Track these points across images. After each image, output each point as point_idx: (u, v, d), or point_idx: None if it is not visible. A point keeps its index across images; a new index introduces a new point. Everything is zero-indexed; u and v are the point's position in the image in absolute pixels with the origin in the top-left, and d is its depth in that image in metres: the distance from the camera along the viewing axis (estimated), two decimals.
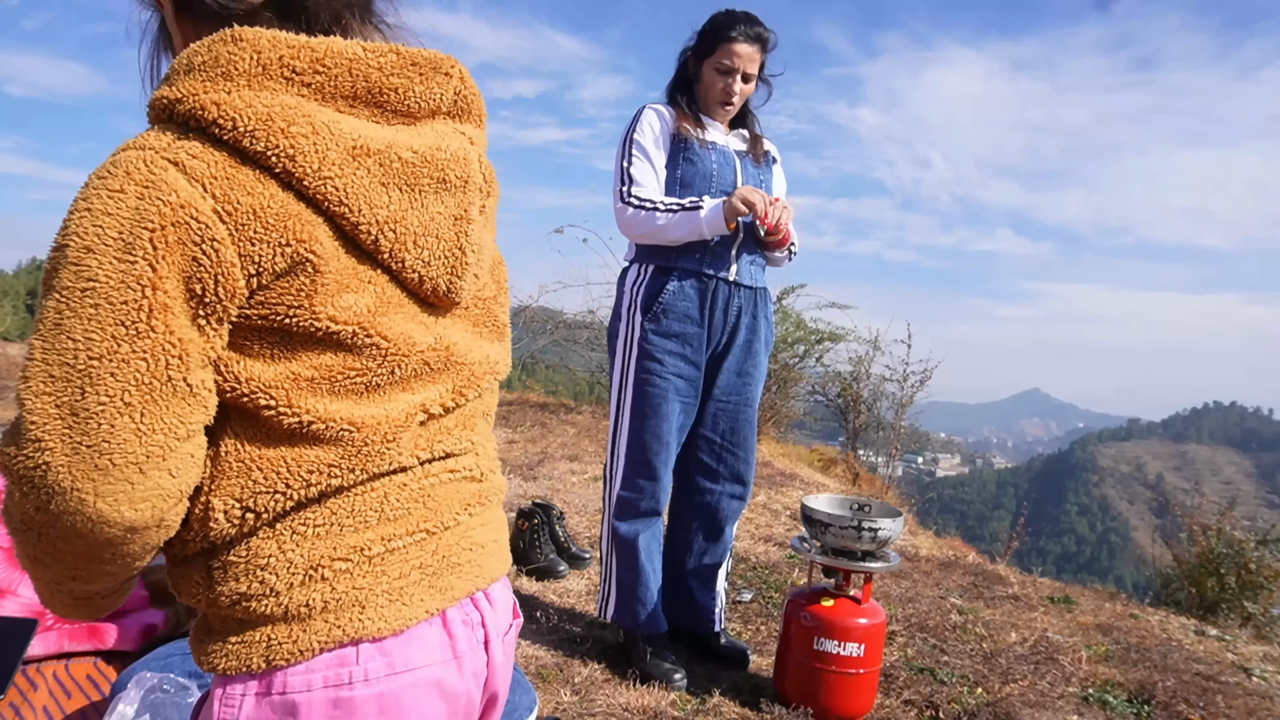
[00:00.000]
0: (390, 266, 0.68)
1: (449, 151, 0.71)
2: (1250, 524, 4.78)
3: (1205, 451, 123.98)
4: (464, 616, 0.76)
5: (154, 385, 0.58)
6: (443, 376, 0.74)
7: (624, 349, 2.29)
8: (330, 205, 0.64)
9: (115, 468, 0.58)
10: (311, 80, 0.65)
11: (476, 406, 0.80)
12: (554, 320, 8.45)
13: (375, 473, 0.69)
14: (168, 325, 0.59)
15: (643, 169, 2.23)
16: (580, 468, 4.87)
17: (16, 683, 1.79)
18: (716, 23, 2.25)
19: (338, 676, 0.67)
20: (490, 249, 0.79)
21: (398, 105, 0.69)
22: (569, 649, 2.41)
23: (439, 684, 0.72)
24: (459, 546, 0.77)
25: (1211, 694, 2.46)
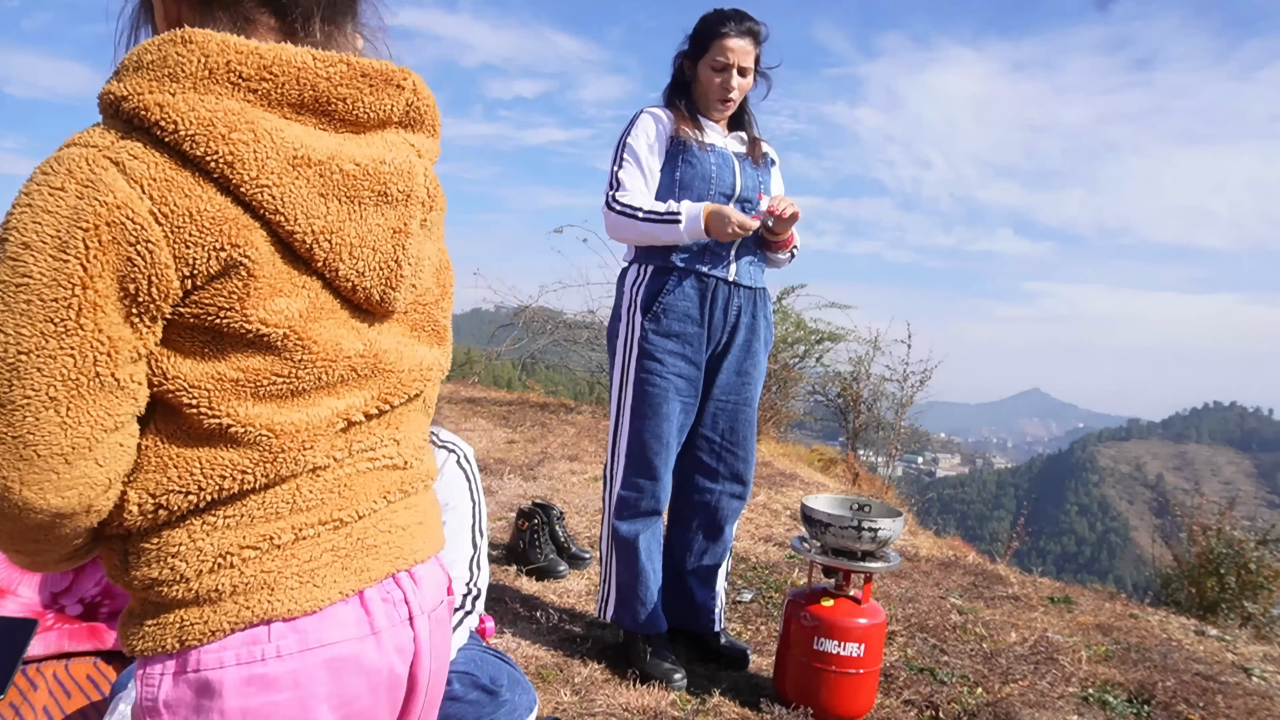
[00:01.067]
0: (324, 274, 0.69)
1: (393, 165, 0.72)
2: (1250, 524, 4.78)
3: (1205, 451, 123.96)
4: (384, 594, 0.77)
5: (80, 380, 0.60)
6: (369, 383, 0.75)
7: (624, 349, 2.29)
8: (266, 213, 0.64)
9: (40, 458, 0.60)
10: (258, 86, 0.65)
11: (404, 409, 0.81)
12: (554, 320, 8.45)
13: (288, 476, 0.71)
14: (96, 323, 0.60)
15: (631, 174, 2.24)
16: (580, 468, 4.87)
17: (16, 683, 1.79)
18: (707, 22, 2.26)
19: (249, 654, 0.69)
20: (433, 258, 0.81)
21: (345, 115, 0.70)
22: (569, 649, 2.41)
23: (356, 659, 0.73)
24: (376, 530, 0.78)
25: (1211, 694, 2.46)
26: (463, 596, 1.68)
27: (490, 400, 7.54)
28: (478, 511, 1.78)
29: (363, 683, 0.74)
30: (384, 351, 0.76)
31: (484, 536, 1.77)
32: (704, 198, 2.24)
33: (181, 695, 0.68)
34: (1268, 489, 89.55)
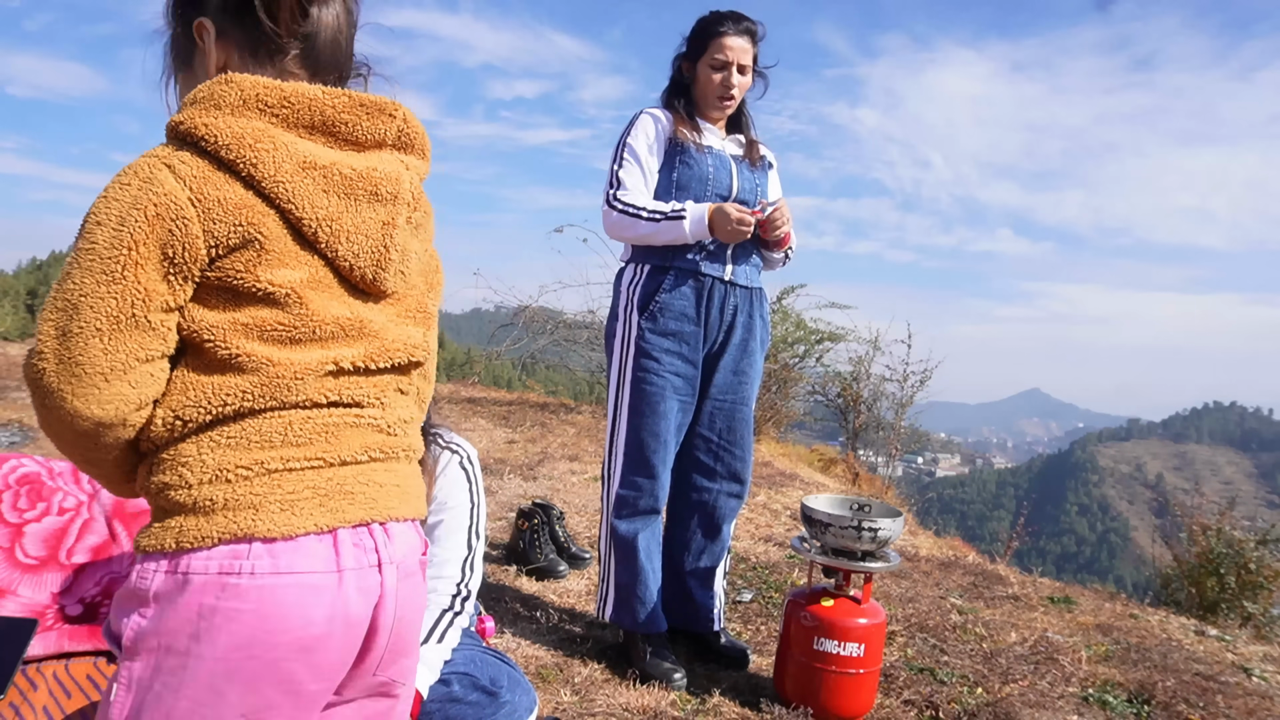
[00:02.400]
0: (326, 254, 0.87)
1: (382, 172, 0.91)
2: (1250, 524, 4.79)
3: (1205, 451, 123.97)
4: (355, 539, 0.88)
5: (120, 319, 0.80)
6: (355, 343, 0.90)
7: (621, 348, 2.30)
8: (280, 202, 0.84)
9: (87, 375, 0.79)
10: (279, 112, 0.86)
11: (392, 380, 0.95)
12: (554, 320, 8.44)
13: (283, 402, 0.86)
14: (138, 278, 0.80)
15: (632, 173, 2.25)
16: (580, 468, 4.87)
17: (16, 683, 1.79)
18: (704, 22, 2.28)
19: (230, 565, 0.81)
20: (420, 255, 0.97)
21: (347, 136, 0.90)
22: (569, 649, 2.41)
23: (317, 590, 0.84)
24: (355, 480, 0.90)
25: (1211, 694, 2.46)
26: (451, 597, 1.68)
27: (490, 400, 7.54)
28: (476, 513, 1.78)
29: (322, 613, 0.84)
30: (370, 322, 0.91)
31: (480, 539, 1.77)
32: (701, 199, 2.24)
33: (168, 589, 0.81)
34: (1268, 489, 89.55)
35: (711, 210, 2.15)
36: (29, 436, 4.18)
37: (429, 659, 1.56)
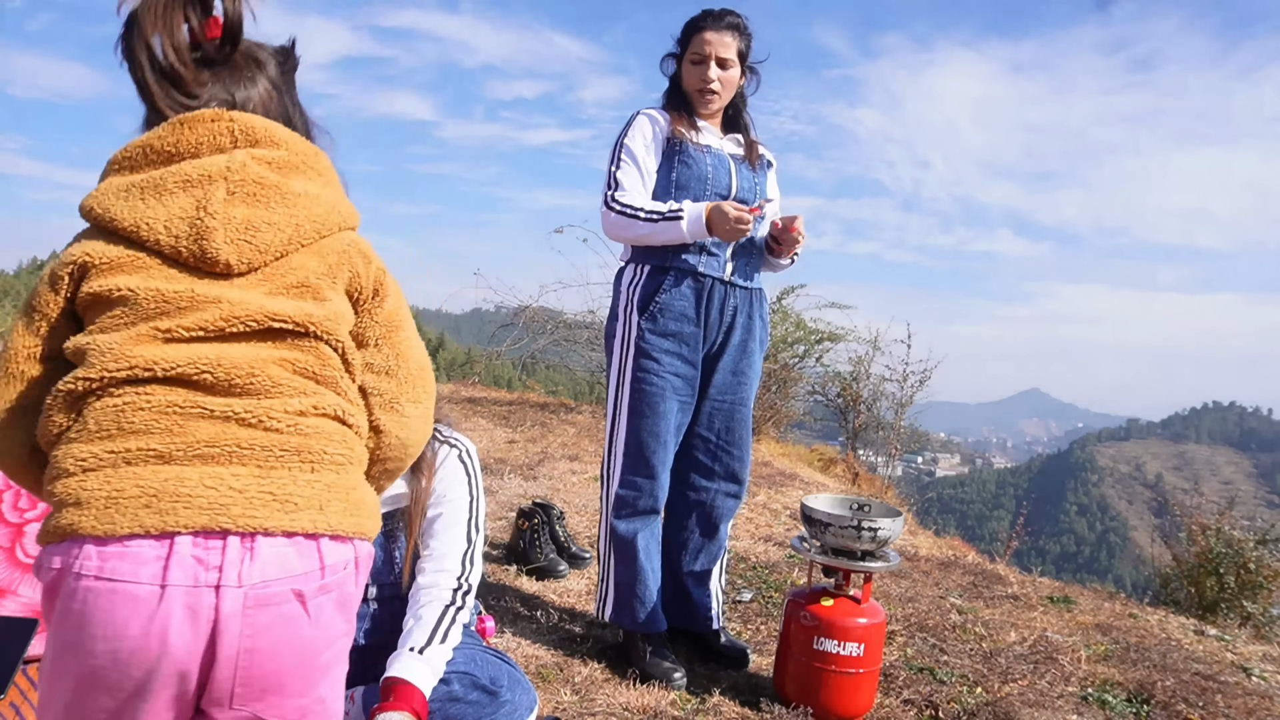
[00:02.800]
0: (153, 247, 0.92)
1: (195, 165, 0.96)
2: (1249, 524, 4.79)
3: (1204, 451, 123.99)
4: (198, 551, 0.83)
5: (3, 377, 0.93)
6: (189, 313, 0.91)
7: (621, 348, 2.30)
8: (107, 225, 0.93)
9: None
10: (124, 164, 0.97)
11: (261, 351, 0.93)
12: (554, 320, 8.44)
13: (113, 375, 0.87)
14: (15, 335, 0.93)
15: (629, 174, 2.25)
16: (580, 468, 4.87)
17: (17, 682, 1.79)
18: (688, 20, 2.31)
19: (64, 563, 0.83)
20: (282, 227, 0.96)
21: (166, 154, 0.97)
22: (569, 649, 2.41)
23: (135, 601, 0.81)
24: (197, 482, 0.85)
25: (1211, 694, 2.46)
26: (453, 592, 1.68)
27: (490, 400, 7.54)
28: (475, 507, 1.78)
29: (135, 628, 0.81)
30: (205, 294, 0.92)
31: (480, 532, 1.77)
32: (700, 198, 2.24)
33: (44, 582, 0.85)
34: (1267, 489, 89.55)
35: (709, 209, 2.14)
36: None
37: (432, 660, 1.55)
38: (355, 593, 0.96)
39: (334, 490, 0.92)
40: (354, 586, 0.96)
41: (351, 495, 0.95)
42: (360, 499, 0.96)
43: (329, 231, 1.00)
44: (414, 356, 1.07)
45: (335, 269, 0.99)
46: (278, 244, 0.96)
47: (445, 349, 22.29)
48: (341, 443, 0.95)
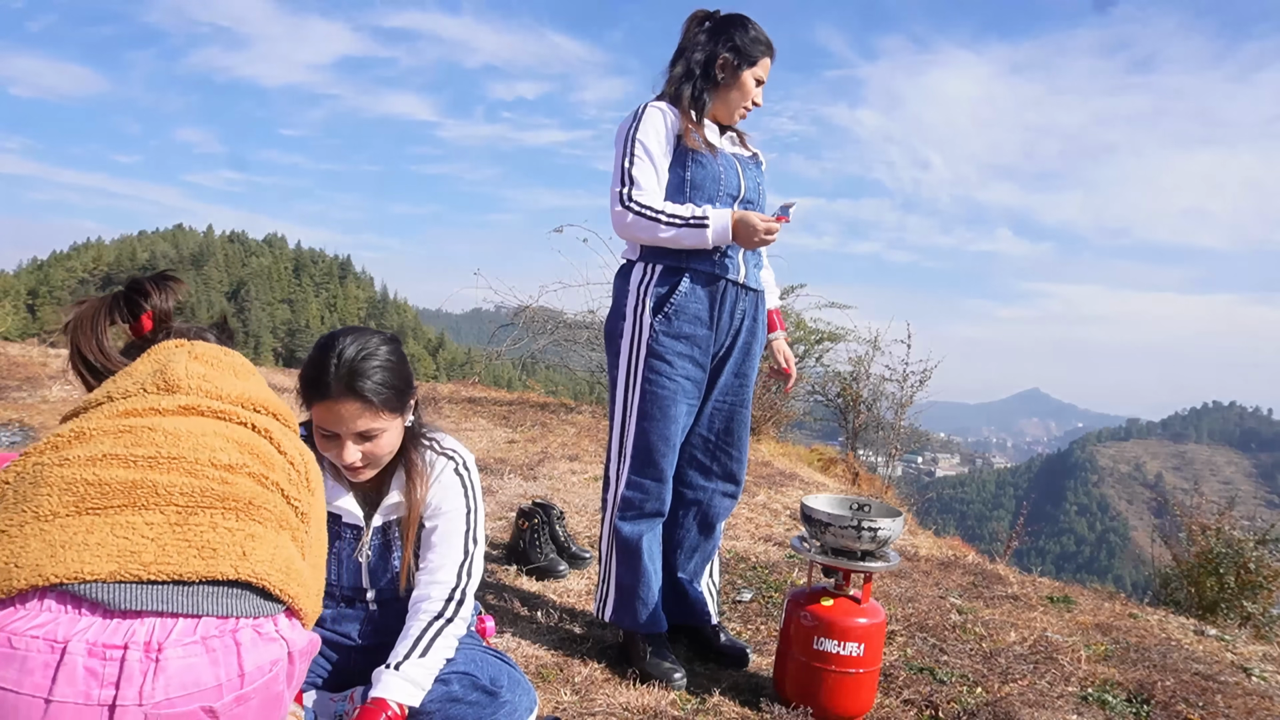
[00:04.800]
0: None
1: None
2: (1249, 524, 4.79)
3: (1204, 451, 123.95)
4: (92, 663, 0.71)
5: None
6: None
7: (631, 349, 2.27)
8: None
9: None
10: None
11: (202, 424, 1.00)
12: (554, 320, 8.44)
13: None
14: None
15: (645, 170, 2.18)
16: (580, 467, 4.87)
17: None
18: (758, 34, 2.26)
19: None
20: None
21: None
22: (569, 649, 2.41)
23: (15, 712, 0.71)
24: (107, 531, 0.78)
25: (1211, 693, 2.46)
26: (444, 603, 1.67)
27: (490, 400, 7.54)
28: (472, 518, 1.77)
29: None
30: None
31: (478, 544, 1.76)
32: (713, 199, 2.22)
33: None
34: (1267, 489, 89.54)
35: (735, 219, 2.11)
36: (29, 436, 4.18)
37: (409, 673, 1.54)
38: (287, 690, 0.85)
39: (260, 541, 0.85)
40: (284, 684, 0.85)
41: (280, 553, 0.87)
42: (290, 561, 0.88)
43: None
44: None
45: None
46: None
47: (445, 349, 22.27)
48: (269, 503, 0.92)
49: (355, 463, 1.60)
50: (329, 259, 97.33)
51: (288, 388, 6.10)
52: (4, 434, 4.11)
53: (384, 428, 1.59)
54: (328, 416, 1.56)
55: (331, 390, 1.54)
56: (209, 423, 1.00)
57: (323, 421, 1.57)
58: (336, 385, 1.54)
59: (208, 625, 0.77)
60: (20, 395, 5.02)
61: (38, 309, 54.66)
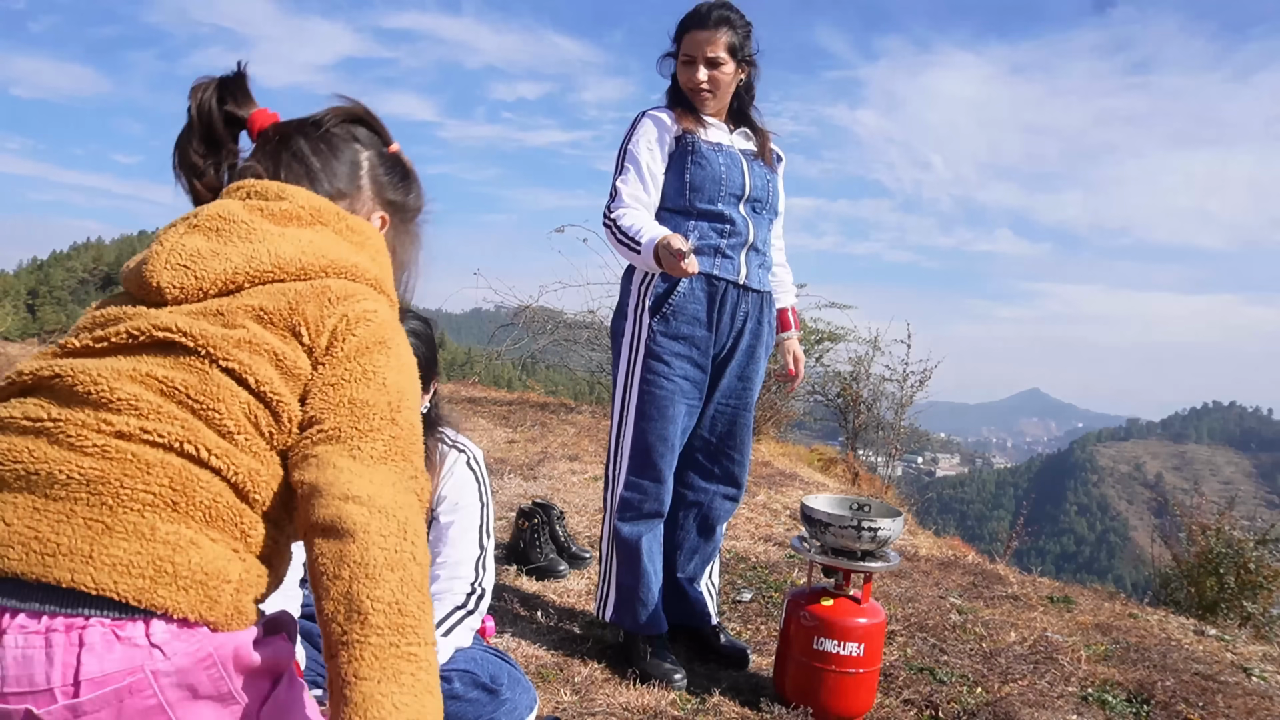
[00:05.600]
0: (124, 285, 0.94)
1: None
2: (1249, 524, 4.79)
3: (1204, 451, 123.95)
4: None
5: None
6: (95, 330, 0.86)
7: (630, 349, 2.27)
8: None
9: None
10: None
11: (129, 363, 0.81)
12: (554, 320, 8.44)
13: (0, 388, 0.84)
14: None
15: (630, 183, 2.21)
16: (580, 467, 4.87)
17: None
18: (680, 20, 2.26)
19: None
20: (230, 257, 0.89)
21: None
22: (569, 649, 2.41)
23: None
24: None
25: (1211, 694, 2.46)
26: (466, 595, 1.69)
27: (490, 400, 7.54)
28: (486, 513, 1.78)
29: None
30: (126, 313, 0.87)
31: (490, 538, 1.78)
32: (714, 200, 2.22)
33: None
34: (1267, 489, 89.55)
35: (659, 243, 2.04)
36: None
37: None
38: (172, 714, 0.72)
39: (118, 536, 0.72)
40: (163, 703, 0.71)
41: (153, 549, 0.72)
42: (170, 559, 0.73)
43: (297, 274, 0.90)
44: (373, 415, 0.84)
45: (285, 310, 0.87)
46: (223, 274, 0.87)
47: (445, 349, 22.29)
48: (166, 482, 0.75)
49: None
50: None
51: None
52: None
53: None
54: None
55: None
56: (136, 362, 0.80)
57: None
58: None
59: (55, 618, 0.69)
60: None
61: (38, 309, 54.67)
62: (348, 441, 0.82)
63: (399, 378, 0.88)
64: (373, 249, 1.00)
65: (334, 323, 0.88)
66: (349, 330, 0.88)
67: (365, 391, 0.85)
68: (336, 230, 0.97)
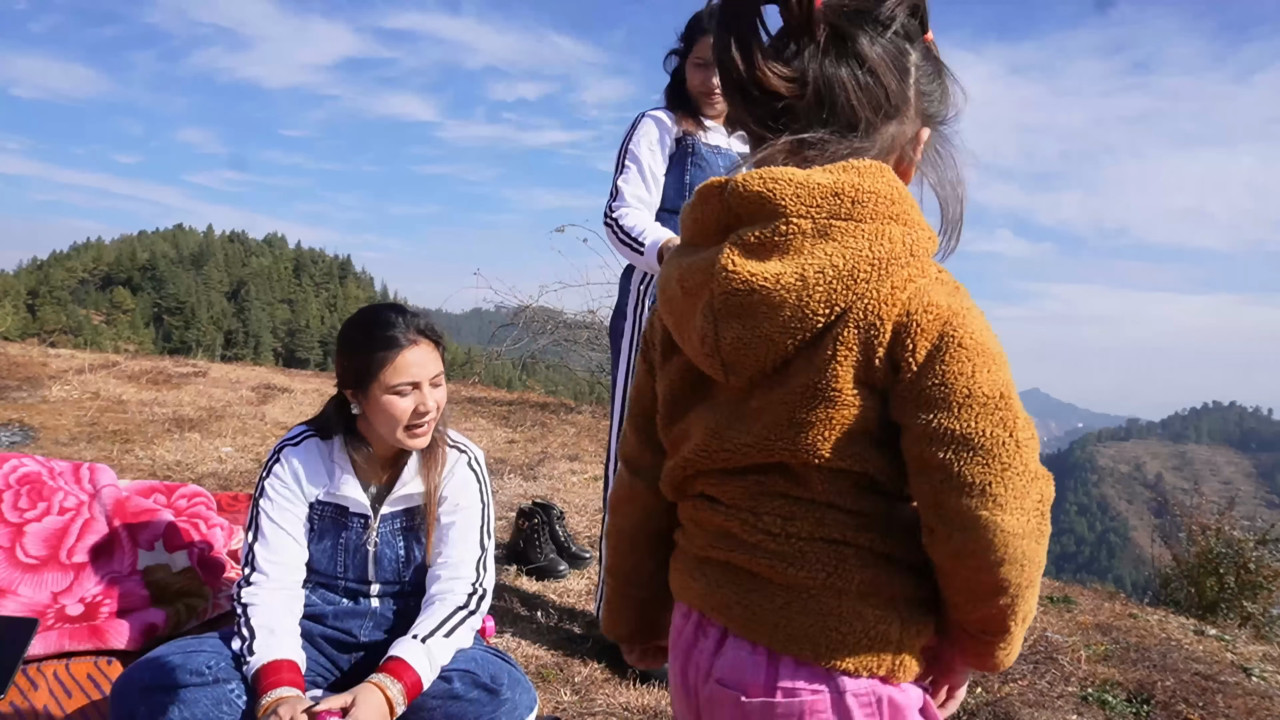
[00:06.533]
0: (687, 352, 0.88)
1: (700, 261, 0.80)
2: (1249, 524, 4.78)
3: (1204, 451, 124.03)
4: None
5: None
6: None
7: (631, 348, 2.27)
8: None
9: None
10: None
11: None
12: (554, 320, 8.44)
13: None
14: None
15: (632, 183, 2.21)
16: (580, 467, 4.87)
17: (17, 682, 1.79)
18: (693, 18, 2.25)
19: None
20: (762, 340, 0.77)
21: (689, 235, 0.84)
22: (569, 648, 2.41)
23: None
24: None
25: (1211, 693, 2.46)
26: (468, 596, 1.68)
27: (490, 400, 7.54)
28: (486, 514, 1.79)
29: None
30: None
31: (491, 539, 1.78)
32: None
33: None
34: (1267, 489, 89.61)
35: (664, 244, 2.07)
36: (29, 436, 4.18)
37: (431, 649, 1.56)
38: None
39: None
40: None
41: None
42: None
43: (830, 314, 0.74)
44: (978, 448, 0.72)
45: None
46: (768, 357, 0.77)
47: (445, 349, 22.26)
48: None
49: (435, 409, 1.64)
50: (329, 259, 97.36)
51: (288, 387, 6.11)
52: (4, 434, 4.11)
53: (443, 373, 1.67)
54: (408, 366, 1.60)
55: (409, 337, 1.60)
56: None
57: (401, 375, 1.60)
58: (412, 332, 1.61)
59: None
60: (20, 395, 5.02)
61: (38, 309, 54.61)
62: None
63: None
64: (892, 212, 0.82)
65: (908, 344, 0.85)
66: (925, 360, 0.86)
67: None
68: (841, 229, 0.80)
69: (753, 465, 0.79)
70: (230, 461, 4.04)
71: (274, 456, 1.71)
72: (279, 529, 1.68)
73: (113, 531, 2.23)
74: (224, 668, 1.53)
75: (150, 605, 2.07)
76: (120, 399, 5.12)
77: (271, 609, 1.61)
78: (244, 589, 1.64)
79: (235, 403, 5.41)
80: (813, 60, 0.77)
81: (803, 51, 0.77)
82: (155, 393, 5.42)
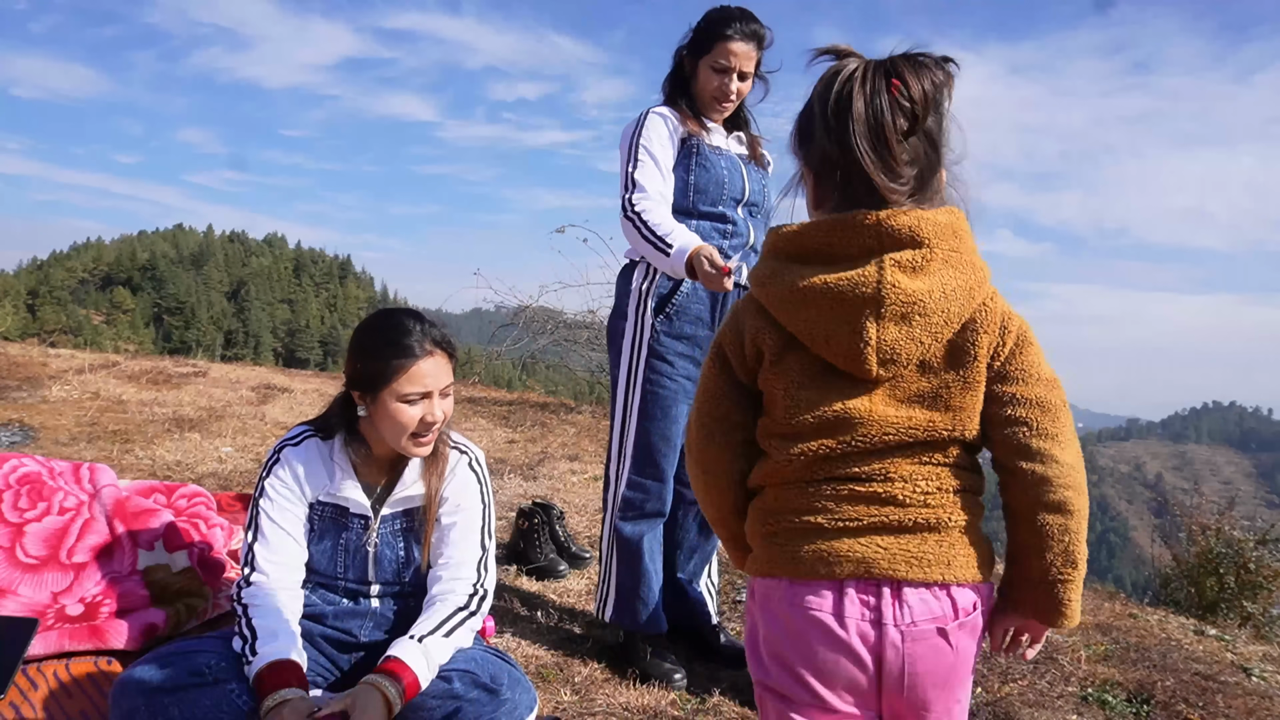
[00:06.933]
0: (812, 351, 1.11)
1: (846, 277, 1.03)
2: (1249, 524, 4.78)
3: (1204, 451, 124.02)
4: (863, 596, 1.04)
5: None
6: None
7: (632, 349, 2.26)
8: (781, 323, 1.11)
9: None
10: (782, 251, 1.08)
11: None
12: (554, 320, 8.44)
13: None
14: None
15: (649, 173, 2.18)
16: (580, 467, 4.87)
17: (17, 682, 1.79)
18: (712, 20, 2.19)
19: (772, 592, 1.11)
20: (914, 341, 1.05)
21: (827, 254, 1.05)
22: (569, 649, 2.41)
23: (824, 625, 1.06)
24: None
25: (1211, 694, 2.46)
26: (468, 597, 1.69)
27: (490, 400, 7.54)
28: (487, 514, 1.79)
29: (833, 644, 1.06)
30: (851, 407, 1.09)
31: (492, 539, 1.79)
32: (716, 202, 2.21)
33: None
34: (1267, 489, 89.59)
35: (694, 253, 2.03)
36: (29, 436, 4.18)
37: (429, 649, 1.56)
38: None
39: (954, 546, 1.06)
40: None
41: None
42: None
43: (960, 320, 1.04)
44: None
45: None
46: (917, 353, 1.03)
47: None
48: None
49: (442, 419, 1.65)
50: (329, 259, 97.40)
51: (288, 387, 6.11)
52: (4, 434, 4.11)
53: (453, 384, 1.68)
54: (422, 377, 1.60)
55: (425, 348, 1.61)
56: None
57: (414, 385, 1.60)
58: (429, 342, 1.61)
59: None
60: (20, 395, 5.02)
61: (38, 309, 54.61)
62: None
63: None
64: (965, 242, 1.11)
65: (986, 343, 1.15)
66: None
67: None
68: (953, 249, 1.10)
69: (903, 442, 1.03)
70: (230, 461, 4.04)
71: (274, 456, 1.72)
72: (279, 529, 1.68)
73: (113, 531, 2.23)
74: (224, 668, 1.53)
75: (150, 605, 2.07)
76: (120, 399, 5.12)
77: (272, 609, 1.61)
78: (244, 589, 1.64)
79: (235, 403, 5.41)
80: (918, 142, 1.04)
81: (910, 138, 1.03)
82: (155, 393, 5.42)
